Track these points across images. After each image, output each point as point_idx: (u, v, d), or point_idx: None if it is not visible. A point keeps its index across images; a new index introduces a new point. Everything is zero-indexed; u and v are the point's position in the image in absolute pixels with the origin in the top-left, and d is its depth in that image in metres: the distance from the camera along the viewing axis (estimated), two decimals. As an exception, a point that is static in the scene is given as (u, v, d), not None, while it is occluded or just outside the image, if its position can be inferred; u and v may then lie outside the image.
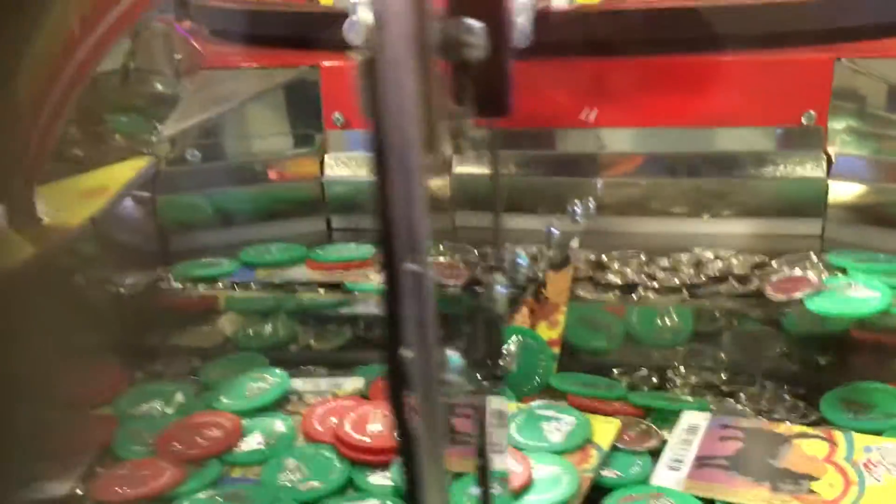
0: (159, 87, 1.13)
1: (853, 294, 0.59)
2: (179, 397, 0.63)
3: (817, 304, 0.59)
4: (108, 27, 0.65)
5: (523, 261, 0.33)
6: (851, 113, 0.73)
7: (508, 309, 0.61)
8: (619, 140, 0.76)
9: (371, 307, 0.69)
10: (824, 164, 0.73)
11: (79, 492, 0.54)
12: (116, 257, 0.71)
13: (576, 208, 0.43)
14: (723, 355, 0.63)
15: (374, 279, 0.68)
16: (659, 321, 0.65)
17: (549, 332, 0.62)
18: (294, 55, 0.81)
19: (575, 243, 0.59)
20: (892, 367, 0.61)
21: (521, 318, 0.62)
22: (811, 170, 0.73)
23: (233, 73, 0.81)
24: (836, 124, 0.73)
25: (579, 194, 0.66)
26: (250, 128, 0.81)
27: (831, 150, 0.73)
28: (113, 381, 0.65)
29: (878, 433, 0.53)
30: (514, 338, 0.62)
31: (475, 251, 0.69)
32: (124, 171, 0.74)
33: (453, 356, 0.24)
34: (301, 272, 0.71)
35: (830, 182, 0.73)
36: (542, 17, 0.51)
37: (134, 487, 0.52)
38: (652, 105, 0.75)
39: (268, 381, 0.62)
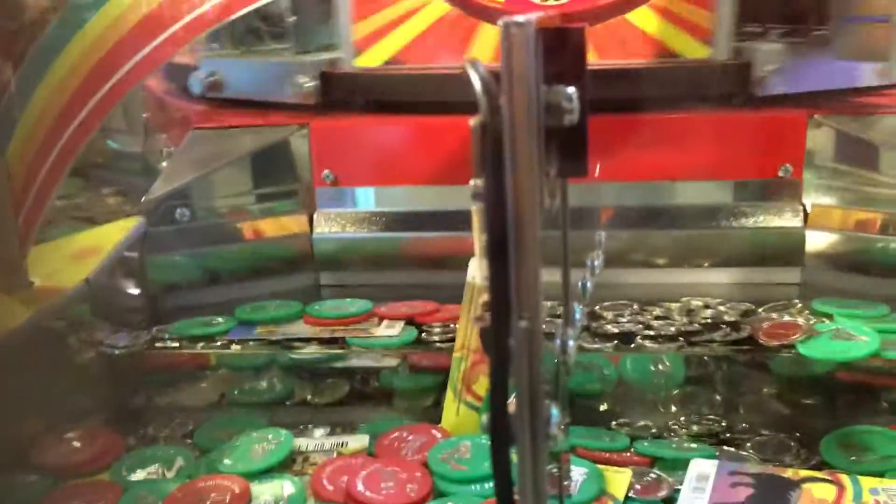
0: (120, 145, 1.13)
1: (843, 339, 0.61)
2: (180, 461, 0.61)
3: (809, 349, 0.61)
4: (105, 94, 0.66)
5: (579, 315, 0.33)
6: (825, 166, 0.76)
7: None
8: (605, 194, 0.78)
9: (369, 360, 0.69)
10: (801, 215, 0.76)
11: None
12: (109, 318, 0.70)
13: (595, 261, 0.44)
14: (718, 400, 0.64)
15: (376, 334, 0.69)
16: (652, 367, 0.65)
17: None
18: (283, 115, 0.82)
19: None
20: (879, 407, 0.63)
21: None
22: (789, 220, 0.76)
23: (221, 133, 0.82)
24: (812, 177, 0.76)
25: (584, 247, 0.68)
26: (239, 186, 0.81)
27: (807, 201, 0.76)
28: (108, 447, 0.63)
29: (880, 475, 0.54)
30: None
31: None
32: (114, 232, 0.74)
33: (554, 410, 0.25)
34: (299, 328, 0.70)
35: (807, 232, 0.76)
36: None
37: (147, 555, 0.50)
38: (636, 160, 0.78)
39: (271, 442, 0.62)
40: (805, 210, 0.76)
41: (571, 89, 0.25)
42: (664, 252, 0.79)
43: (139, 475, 0.60)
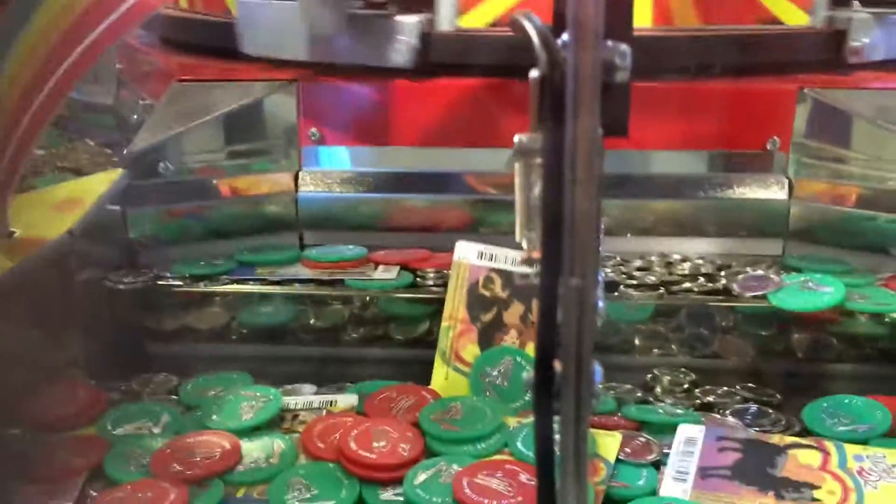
0: (92, 96, 1.10)
1: (811, 289, 0.65)
2: (167, 417, 0.61)
3: (779, 300, 0.65)
4: (92, 42, 0.64)
5: (602, 275, 0.33)
6: (813, 140, 0.77)
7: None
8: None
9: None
10: (786, 188, 0.77)
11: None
12: (92, 269, 0.69)
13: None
14: (698, 361, 0.66)
15: (373, 276, 0.70)
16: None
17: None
18: (271, 70, 0.80)
19: None
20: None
21: (510, 339, 0.64)
22: (774, 193, 0.77)
23: (208, 87, 0.80)
24: (799, 150, 0.77)
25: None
26: (223, 142, 0.80)
27: (793, 174, 0.77)
28: (92, 401, 0.62)
29: (864, 443, 0.56)
30: (505, 357, 0.63)
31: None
32: (96, 184, 0.72)
33: (598, 368, 0.25)
34: (298, 270, 0.72)
35: (792, 205, 0.77)
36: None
37: (140, 510, 0.50)
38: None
39: (259, 400, 0.61)
40: (791, 183, 0.77)
41: (626, 46, 0.24)
42: (650, 221, 0.79)
43: (126, 430, 0.59)
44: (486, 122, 0.77)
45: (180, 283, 0.71)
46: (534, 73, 0.24)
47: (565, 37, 0.24)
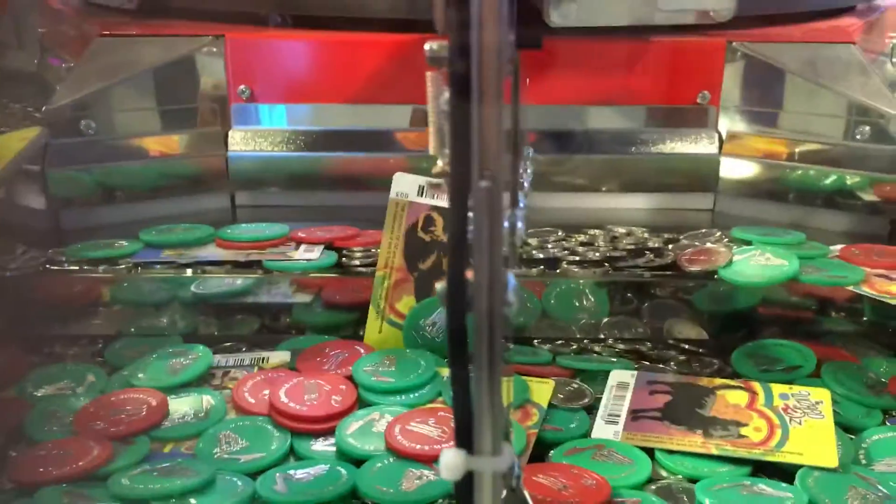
0: (14, 62, 1.05)
1: (763, 263, 0.62)
2: (91, 377, 0.59)
3: (731, 274, 0.61)
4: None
5: (524, 202, 0.33)
6: (742, 93, 0.78)
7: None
8: (528, 117, 0.78)
9: (280, 296, 0.67)
10: (717, 142, 0.78)
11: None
12: (6, 235, 0.66)
13: (527, 166, 0.44)
14: (639, 327, 0.65)
15: (294, 257, 0.66)
16: (576, 301, 0.65)
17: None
18: (197, 25, 0.78)
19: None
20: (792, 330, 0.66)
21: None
22: (705, 147, 0.78)
23: (131, 42, 0.77)
24: (729, 104, 0.78)
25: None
26: (149, 99, 0.77)
27: (723, 128, 0.78)
28: (12, 364, 0.60)
29: (790, 383, 0.57)
30: (440, 308, 0.62)
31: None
32: (13, 142, 0.69)
33: (511, 277, 0.24)
34: (211, 251, 0.66)
35: (722, 158, 0.77)
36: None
37: (60, 467, 0.48)
38: (555, 84, 0.77)
39: (189, 357, 0.60)
40: (721, 137, 0.78)
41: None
42: (581, 177, 0.79)
43: (48, 391, 0.57)
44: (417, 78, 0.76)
45: (75, 267, 0.64)
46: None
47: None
